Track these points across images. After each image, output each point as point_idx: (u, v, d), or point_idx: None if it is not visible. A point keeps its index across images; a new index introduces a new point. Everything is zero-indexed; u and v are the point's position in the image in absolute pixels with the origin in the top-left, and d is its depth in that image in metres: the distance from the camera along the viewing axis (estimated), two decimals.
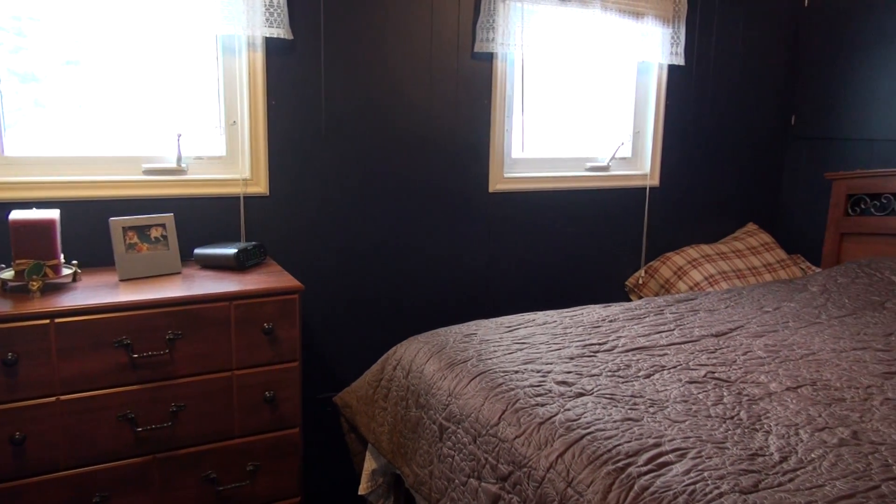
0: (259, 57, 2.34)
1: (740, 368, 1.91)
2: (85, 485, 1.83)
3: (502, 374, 1.82)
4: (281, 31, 2.29)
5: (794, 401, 1.69)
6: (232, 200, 2.40)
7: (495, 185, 2.85)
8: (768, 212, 3.64)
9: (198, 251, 2.24)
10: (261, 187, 2.43)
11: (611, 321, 2.32)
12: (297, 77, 2.43)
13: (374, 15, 2.51)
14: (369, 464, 2.24)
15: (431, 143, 2.71)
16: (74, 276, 2.00)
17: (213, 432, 1.98)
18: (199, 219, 2.35)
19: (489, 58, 2.74)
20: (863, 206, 3.17)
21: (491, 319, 2.32)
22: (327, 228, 2.57)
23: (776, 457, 1.41)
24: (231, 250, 2.18)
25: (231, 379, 1.98)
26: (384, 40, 2.54)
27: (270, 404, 2.04)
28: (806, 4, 3.44)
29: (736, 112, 3.43)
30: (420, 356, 2.06)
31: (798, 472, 1.34)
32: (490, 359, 1.93)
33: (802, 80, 3.48)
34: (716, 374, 1.86)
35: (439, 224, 2.78)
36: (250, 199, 2.42)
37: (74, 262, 2.04)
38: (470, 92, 2.74)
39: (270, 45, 2.36)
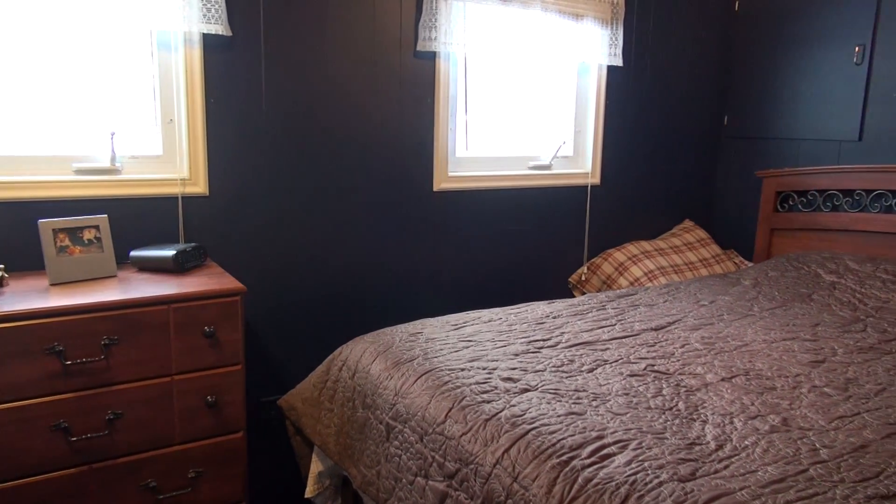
0: (196, 53, 2.29)
1: (678, 361, 1.97)
2: (18, 499, 1.75)
3: (448, 373, 1.83)
4: (219, 28, 2.24)
5: (728, 390, 1.76)
6: (170, 201, 2.33)
7: (440, 184, 2.86)
8: (704, 209, 3.77)
9: (134, 253, 2.17)
10: (200, 187, 2.37)
11: (555, 317, 2.36)
12: (237, 74, 2.38)
13: (314, 12, 2.48)
14: (316, 466, 2.22)
15: (375, 142, 2.70)
16: (1, 282, 1.91)
17: (153, 439, 1.92)
18: (135, 220, 2.28)
19: (432, 57, 2.75)
20: (791, 203, 3.31)
21: (437, 318, 2.33)
22: (270, 228, 2.53)
23: (712, 445, 1.46)
24: (169, 252, 2.12)
25: (171, 384, 1.93)
26: (326, 38, 2.52)
27: (213, 409, 1.99)
28: (736, 9, 3.57)
29: (672, 112, 3.53)
30: (366, 356, 2.05)
31: (733, 459, 1.40)
32: (436, 357, 1.94)
33: (734, 82, 3.61)
34: (655, 367, 1.91)
35: (384, 223, 2.77)
36: (189, 200, 2.36)
37: (1, 266, 1.95)
38: (413, 91, 2.74)
39: (208, 41, 2.30)
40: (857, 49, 3.02)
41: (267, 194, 2.51)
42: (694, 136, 3.64)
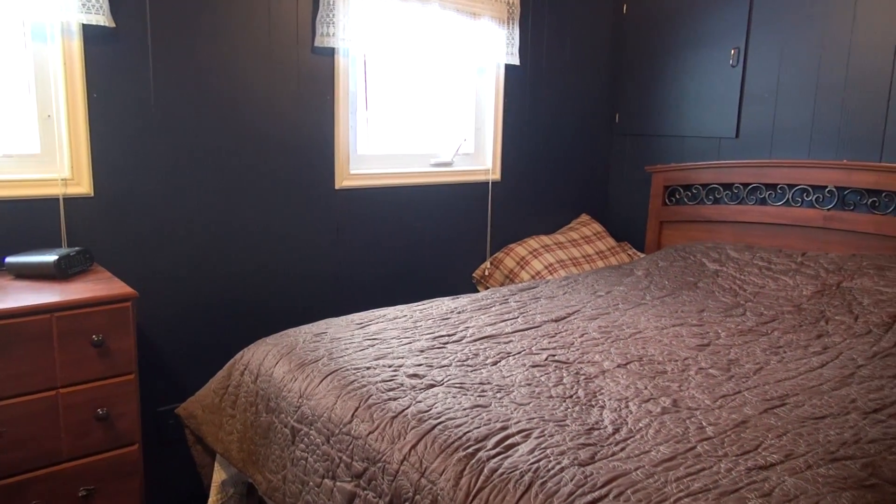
0: (76, 45, 2.15)
1: (577, 350, 2.04)
2: None
3: (354, 372, 1.82)
4: (100, 18, 2.12)
5: (624, 376, 1.84)
6: (50, 202, 2.18)
7: (341, 182, 2.83)
8: (599, 203, 3.93)
9: (10, 260, 2.02)
10: (83, 187, 2.23)
11: (459, 312, 2.39)
12: (122, 68, 2.26)
13: (205, 6, 2.39)
14: (218, 475, 2.14)
15: (274, 139, 2.63)
16: None
17: (39, 457, 1.80)
18: (11, 224, 2.12)
19: (331, 53, 2.71)
20: (678, 197, 3.51)
21: (342, 317, 2.31)
22: (162, 230, 2.42)
23: (609, 429, 1.53)
24: (50, 257, 1.98)
25: (56, 398, 1.81)
26: (219, 31, 2.43)
27: (104, 422, 1.89)
28: (625, 11, 3.74)
29: (568, 110, 3.66)
30: (269, 359, 2.00)
31: (628, 442, 1.47)
32: (341, 357, 1.92)
33: (623, 81, 3.78)
34: (556, 357, 1.97)
35: (284, 222, 2.71)
36: (72, 201, 2.22)
37: None
38: (312, 88, 2.69)
39: (89, 32, 2.17)
40: (732, 51, 3.24)
41: (158, 194, 2.39)
42: (588, 134, 3.79)
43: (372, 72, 2.97)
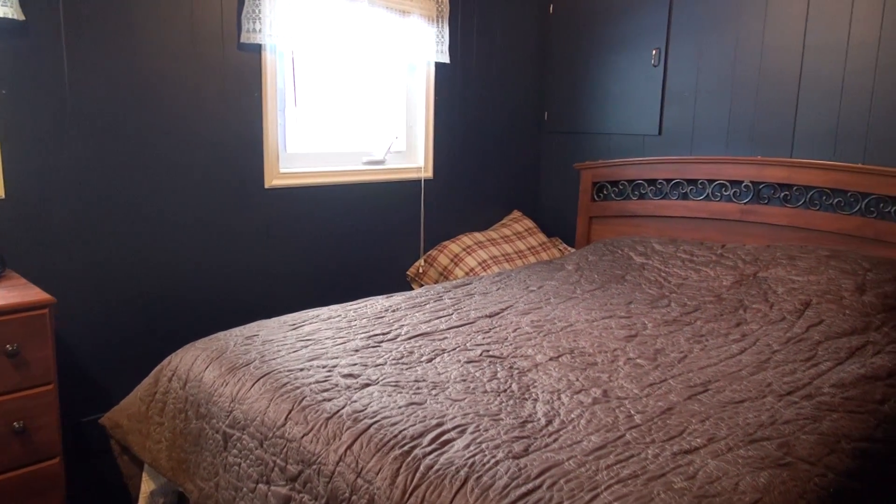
0: None
1: (511, 344, 2.08)
2: None
3: (287, 374, 1.79)
4: (8, 10, 2.01)
5: (556, 369, 1.88)
6: None
7: (271, 181, 2.78)
8: (530, 199, 3.99)
9: None
10: None
11: (394, 311, 2.39)
12: (34, 63, 2.15)
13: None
14: (147, 486, 2.07)
15: (199, 138, 2.56)
16: None
17: None
18: None
19: (257, 49, 2.65)
20: (605, 193, 3.61)
21: (274, 319, 2.27)
22: (81, 233, 2.32)
23: (543, 421, 1.56)
24: None
25: None
26: (139, 26, 2.34)
27: (21, 436, 1.79)
28: (551, 11, 3.81)
29: (498, 108, 3.70)
30: (198, 363, 1.95)
31: (561, 433, 1.50)
32: (274, 359, 1.89)
33: (551, 80, 3.86)
34: (490, 352, 2.00)
35: (212, 222, 2.64)
36: None
37: None
38: (239, 84, 2.63)
39: None
40: (654, 52, 3.35)
41: (76, 195, 2.29)
42: (518, 131, 3.85)
43: (301, 69, 2.93)
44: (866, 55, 2.71)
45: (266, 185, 2.76)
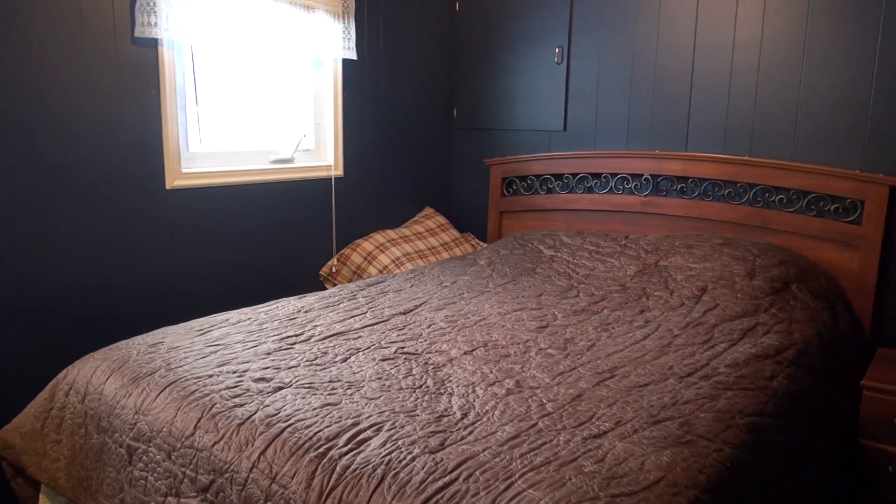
0: None
1: (426, 340, 2.09)
2: None
3: (195, 381, 1.73)
4: None
5: (470, 363, 1.91)
6: None
7: (173, 182, 2.66)
8: (442, 196, 4.02)
9: None
10: None
11: (306, 311, 2.35)
12: None
13: None
14: None
15: (92, 137, 2.42)
16: None
17: None
18: None
19: (153, 44, 2.54)
20: (515, 188, 3.69)
21: (180, 325, 2.18)
22: None
23: (458, 415, 1.58)
24: None
25: None
26: (20, 19, 2.19)
27: None
28: (457, 9, 3.85)
29: (407, 105, 3.70)
30: (98, 375, 1.85)
31: (476, 425, 1.53)
32: (181, 366, 1.82)
33: (459, 77, 3.90)
34: (405, 349, 2.00)
35: (109, 225, 2.51)
36: None
37: None
38: (134, 80, 2.51)
39: None
40: (557, 50, 3.45)
41: None
42: (428, 128, 3.86)
43: (202, 65, 2.82)
44: (750, 55, 2.89)
45: (168, 186, 2.65)
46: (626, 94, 3.26)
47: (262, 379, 1.75)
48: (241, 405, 1.60)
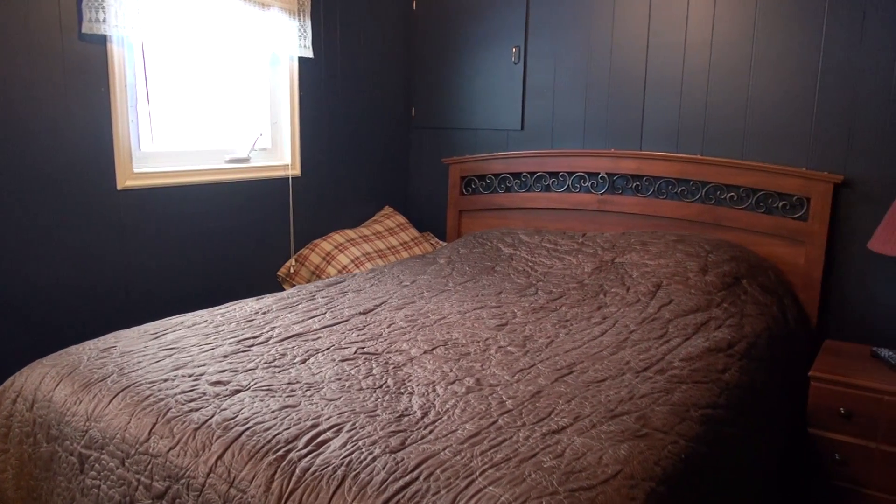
0: None
1: (386, 340, 2.08)
2: None
3: (149, 386, 1.69)
4: None
5: (431, 361, 1.91)
6: None
7: (124, 182, 2.60)
8: (401, 195, 4.01)
9: None
10: None
11: (264, 313, 2.32)
12: None
13: None
14: None
15: (38, 137, 2.34)
16: None
17: None
18: None
19: (102, 41, 2.47)
20: (473, 186, 3.70)
21: (133, 328, 2.13)
22: None
23: (418, 414, 1.58)
24: None
25: None
26: None
27: None
28: (414, 7, 3.84)
29: (365, 104, 3.68)
30: (47, 382, 1.79)
31: (436, 424, 1.53)
32: (134, 371, 1.78)
33: (417, 76, 3.89)
34: (365, 349, 1.99)
35: (57, 228, 2.43)
36: None
37: None
38: (82, 78, 2.44)
39: None
40: (514, 49, 3.47)
41: None
42: (386, 127, 3.85)
43: (154, 63, 2.76)
44: (701, 56, 2.96)
45: (119, 187, 2.58)
46: (582, 93, 3.30)
47: (218, 382, 1.72)
48: (198, 409, 1.58)
